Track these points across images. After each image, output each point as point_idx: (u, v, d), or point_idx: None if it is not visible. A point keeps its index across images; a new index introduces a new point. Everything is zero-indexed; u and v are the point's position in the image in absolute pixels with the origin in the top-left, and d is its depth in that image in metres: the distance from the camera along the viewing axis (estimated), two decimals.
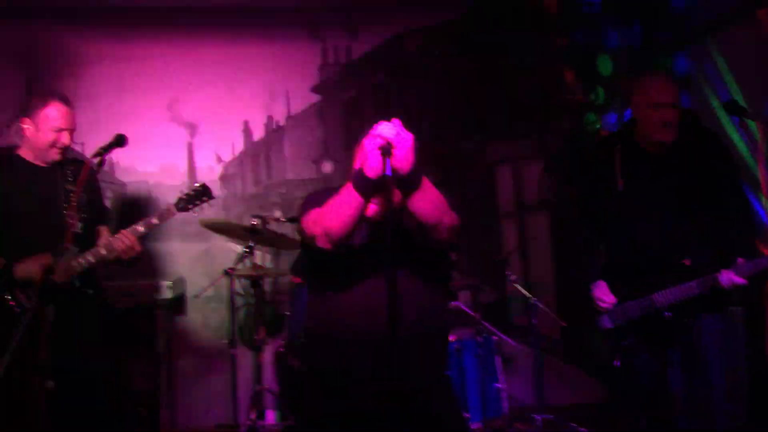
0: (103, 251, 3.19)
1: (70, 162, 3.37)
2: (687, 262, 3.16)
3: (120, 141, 3.14)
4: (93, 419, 3.28)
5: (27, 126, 3.23)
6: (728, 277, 3.03)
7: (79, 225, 3.13)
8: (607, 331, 3.35)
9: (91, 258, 3.18)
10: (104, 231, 3.46)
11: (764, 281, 3.24)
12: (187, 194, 3.38)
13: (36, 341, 2.85)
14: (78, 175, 3.32)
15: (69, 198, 3.25)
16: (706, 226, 3.21)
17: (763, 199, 4.01)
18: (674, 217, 3.19)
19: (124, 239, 3.19)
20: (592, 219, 3.44)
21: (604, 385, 5.14)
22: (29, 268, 3.06)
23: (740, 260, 3.00)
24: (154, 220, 3.29)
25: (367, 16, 5.26)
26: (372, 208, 2.33)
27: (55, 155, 3.25)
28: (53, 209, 3.22)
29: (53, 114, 3.21)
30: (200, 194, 3.39)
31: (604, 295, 3.30)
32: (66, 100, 3.31)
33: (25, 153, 3.28)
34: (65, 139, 3.24)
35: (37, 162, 3.28)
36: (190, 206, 3.37)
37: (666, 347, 3.32)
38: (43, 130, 3.20)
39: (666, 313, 3.18)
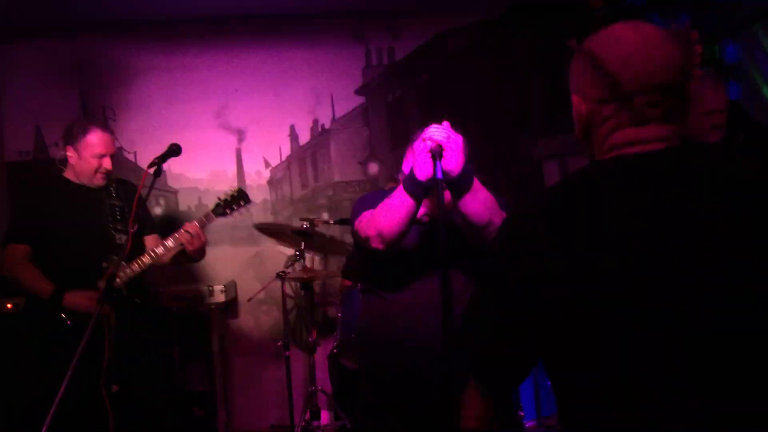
0: (161, 249, 3.28)
1: (113, 180, 3.50)
2: None
3: (175, 150, 3.21)
4: (153, 421, 3.37)
5: (71, 154, 3.37)
6: None
7: (125, 238, 3.23)
8: None
9: (145, 261, 3.27)
10: (149, 240, 3.57)
11: None
12: (224, 199, 3.46)
13: (101, 346, 2.94)
14: (121, 191, 3.47)
15: (114, 213, 3.37)
16: None
17: None
18: None
19: (189, 228, 3.29)
20: None
21: None
22: (77, 300, 3.17)
23: None
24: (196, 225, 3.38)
25: (409, 16, 5.27)
26: (424, 210, 2.35)
27: (99, 180, 3.38)
28: (99, 225, 3.35)
29: (94, 141, 3.33)
30: (237, 199, 3.47)
31: None
32: (105, 126, 3.45)
33: (70, 175, 3.43)
34: (107, 164, 3.36)
35: (82, 183, 3.41)
36: (228, 210, 3.45)
37: None
38: (86, 158, 3.33)
39: None
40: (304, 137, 5.30)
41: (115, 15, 4.92)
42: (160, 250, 3.30)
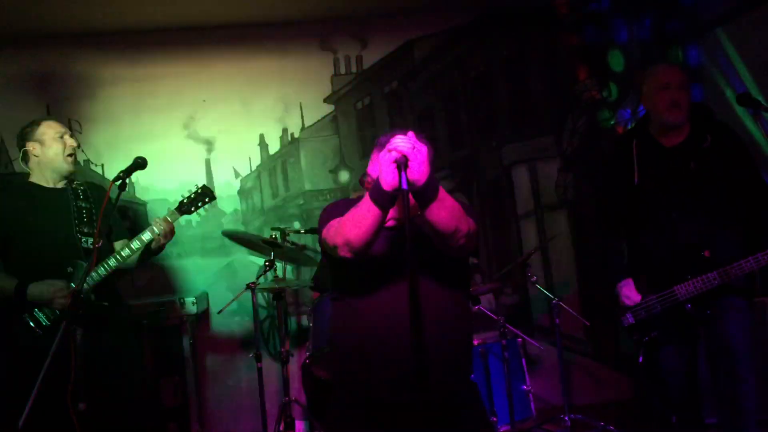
0: (126, 251, 3.24)
1: (80, 183, 3.47)
2: (707, 253, 3.15)
3: (140, 164, 3.17)
4: None
5: (32, 148, 3.35)
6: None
7: (91, 241, 3.21)
8: (630, 327, 3.35)
9: (110, 264, 3.22)
10: (119, 246, 3.52)
11: None
12: (188, 197, 3.43)
13: (66, 364, 2.89)
14: (89, 194, 3.43)
15: (81, 215, 3.33)
16: (725, 217, 3.20)
17: None
18: (691, 209, 3.19)
19: (161, 223, 3.29)
20: (613, 215, 3.44)
21: (632, 382, 5.12)
22: (42, 289, 3.14)
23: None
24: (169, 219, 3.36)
25: (377, 24, 5.29)
26: (391, 218, 2.35)
27: (69, 164, 3.37)
28: (65, 228, 3.30)
29: (49, 127, 3.37)
30: (202, 195, 3.43)
31: (630, 293, 3.30)
32: (52, 117, 3.55)
33: (36, 178, 3.39)
34: (71, 142, 3.38)
35: (48, 185, 3.38)
36: (192, 208, 3.43)
37: (691, 341, 3.31)
38: (49, 142, 3.34)
39: (687, 306, 3.18)
40: (274, 146, 5.29)
41: (80, 26, 4.87)
42: (125, 252, 3.26)
